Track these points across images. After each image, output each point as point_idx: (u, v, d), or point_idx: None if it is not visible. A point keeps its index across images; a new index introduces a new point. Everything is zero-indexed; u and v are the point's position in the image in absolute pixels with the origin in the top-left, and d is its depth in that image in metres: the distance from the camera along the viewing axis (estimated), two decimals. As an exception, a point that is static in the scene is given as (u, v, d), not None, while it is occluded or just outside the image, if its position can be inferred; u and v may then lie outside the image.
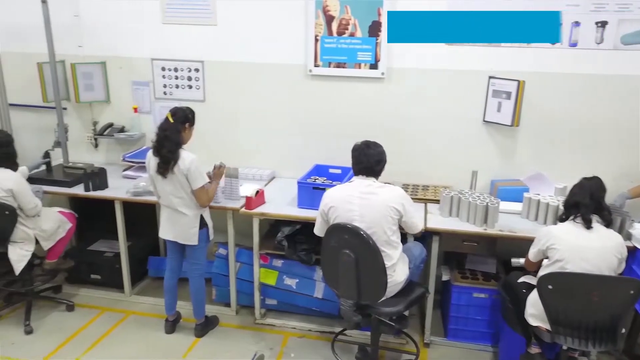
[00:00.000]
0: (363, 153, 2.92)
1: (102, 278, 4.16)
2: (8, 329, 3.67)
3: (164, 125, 3.22)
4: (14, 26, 4.13)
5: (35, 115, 4.49)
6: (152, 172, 3.27)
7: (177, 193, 3.27)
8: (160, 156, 3.18)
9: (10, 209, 3.39)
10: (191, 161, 3.20)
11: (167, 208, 3.37)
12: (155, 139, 3.22)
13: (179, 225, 3.36)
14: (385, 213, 2.82)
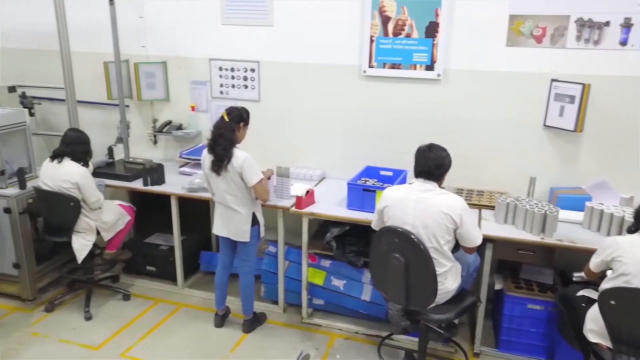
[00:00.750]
0: (423, 155, 2.85)
1: (157, 270, 4.31)
2: (70, 314, 3.87)
3: (219, 123, 3.29)
4: (84, 27, 4.35)
5: (100, 112, 4.71)
6: (207, 170, 3.35)
7: (231, 191, 3.33)
8: (215, 154, 3.26)
9: (75, 201, 3.57)
10: (244, 159, 3.26)
11: (221, 205, 3.44)
12: (210, 137, 3.30)
13: (232, 222, 3.43)
14: (440, 221, 2.74)
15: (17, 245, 3.82)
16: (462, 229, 2.76)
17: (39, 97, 4.75)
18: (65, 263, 4.17)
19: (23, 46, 4.76)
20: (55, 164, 3.59)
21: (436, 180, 2.86)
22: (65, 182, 3.54)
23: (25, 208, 3.82)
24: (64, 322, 3.77)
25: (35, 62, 4.76)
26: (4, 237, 3.81)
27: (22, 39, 4.73)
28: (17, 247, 3.82)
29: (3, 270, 3.92)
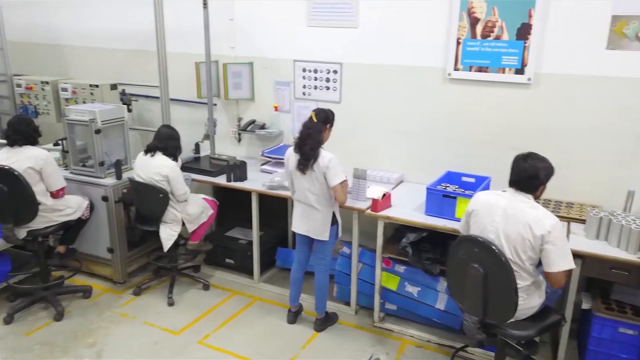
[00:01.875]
0: (518, 164, 2.69)
1: (235, 263, 4.47)
2: (154, 299, 4.11)
3: (308, 124, 3.35)
4: (179, 29, 4.60)
5: (189, 110, 4.97)
6: (292, 168, 3.42)
7: (314, 190, 3.39)
8: (302, 153, 3.32)
9: (164, 193, 3.79)
10: (330, 159, 3.31)
11: (302, 203, 3.50)
12: (299, 136, 3.36)
13: (312, 221, 3.48)
14: (524, 235, 2.59)
15: (111, 232, 4.13)
16: (547, 248, 2.56)
17: (136, 94, 5.10)
18: (153, 251, 4.45)
19: (124, 47, 5.13)
20: (148, 157, 3.83)
21: (530, 192, 2.69)
22: (156, 175, 3.77)
23: (120, 197, 4.12)
24: (149, 305, 4.02)
25: (134, 62, 5.12)
26: (101, 224, 4.13)
27: (124, 40, 5.10)
28: (112, 233, 4.13)
29: (98, 254, 4.25)
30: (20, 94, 5.14)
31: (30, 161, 3.56)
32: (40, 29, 5.53)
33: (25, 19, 5.54)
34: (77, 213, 3.90)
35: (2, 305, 3.92)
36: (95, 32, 5.23)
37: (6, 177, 3.48)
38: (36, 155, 3.61)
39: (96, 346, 3.52)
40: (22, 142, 3.62)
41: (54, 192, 3.72)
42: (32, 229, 3.69)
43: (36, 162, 3.58)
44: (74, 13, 5.31)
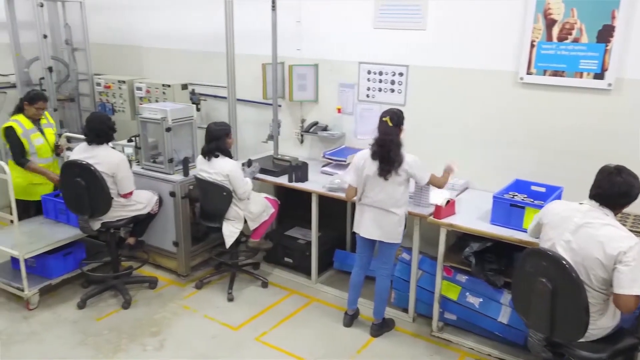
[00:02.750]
0: (610, 179, 2.49)
1: (294, 262, 4.51)
2: (215, 293, 4.23)
3: (387, 129, 3.30)
4: (248, 31, 4.70)
5: (254, 110, 5.07)
6: (369, 174, 3.36)
7: (393, 194, 3.36)
8: (386, 159, 3.28)
9: (227, 191, 3.89)
10: (414, 161, 3.31)
11: (374, 208, 3.44)
12: (379, 143, 3.30)
13: (387, 225, 3.43)
14: (596, 254, 2.43)
15: (177, 226, 4.29)
16: (619, 269, 2.38)
17: (205, 94, 5.28)
18: (215, 246, 4.58)
19: (196, 48, 5.32)
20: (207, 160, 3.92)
21: (614, 209, 2.52)
22: (218, 175, 3.87)
23: (186, 193, 4.27)
24: (210, 300, 4.14)
25: (204, 63, 5.29)
26: (168, 218, 4.30)
27: (195, 42, 5.28)
28: (178, 227, 4.29)
29: (165, 247, 4.43)
30: (99, 92, 5.46)
31: (103, 167, 3.72)
32: (120, 31, 5.85)
33: (107, 22, 5.87)
34: (147, 208, 4.07)
35: (77, 291, 4.17)
36: (170, 34, 5.45)
37: (85, 172, 3.70)
38: (109, 162, 3.76)
39: (159, 335, 3.66)
40: (97, 141, 3.81)
41: (122, 194, 3.89)
42: (105, 221, 3.90)
43: (109, 168, 3.75)
44: (151, 16, 5.56)
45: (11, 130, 4.22)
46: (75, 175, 3.74)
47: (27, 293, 3.86)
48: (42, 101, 4.35)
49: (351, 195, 3.57)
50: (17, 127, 4.23)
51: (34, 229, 4.22)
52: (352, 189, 3.53)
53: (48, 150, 4.42)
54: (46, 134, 4.44)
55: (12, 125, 4.23)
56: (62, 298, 4.08)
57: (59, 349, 3.49)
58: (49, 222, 4.35)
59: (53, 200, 4.34)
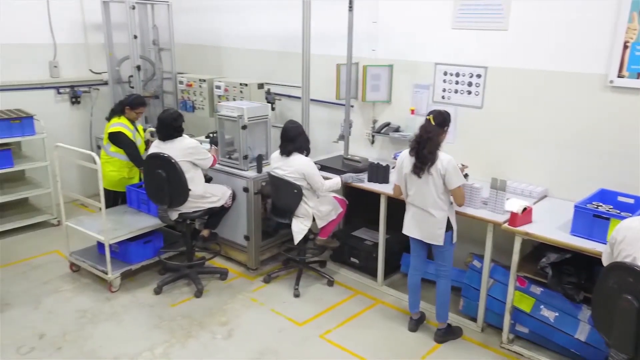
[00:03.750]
0: None
1: (360, 263, 4.50)
2: (282, 288, 4.32)
3: (428, 127, 3.31)
4: (324, 32, 4.76)
5: (327, 110, 5.12)
6: (407, 171, 3.40)
7: (429, 193, 3.32)
8: (420, 157, 3.28)
9: (298, 188, 3.96)
10: (449, 161, 3.25)
11: (414, 207, 3.46)
12: (416, 139, 3.34)
13: (426, 225, 3.41)
14: None
15: (249, 221, 4.42)
16: None
17: (280, 94, 5.40)
18: (284, 242, 4.67)
19: (272, 48, 5.45)
20: (284, 157, 4.02)
21: None
22: (294, 173, 3.95)
23: (258, 189, 4.39)
24: (277, 294, 4.23)
25: (280, 63, 5.41)
26: (240, 213, 4.44)
27: (272, 42, 5.42)
28: (249, 222, 4.42)
29: (236, 240, 4.58)
30: (181, 90, 5.74)
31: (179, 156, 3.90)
32: (203, 32, 6.11)
33: (191, 24, 6.17)
34: (220, 201, 4.24)
35: (154, 278, 4.41)
36: (249, 34, 5.63)
37: (166, 164, 3.91)
38: (181, 146, 3.95)
39: (228, 325, 3.79)
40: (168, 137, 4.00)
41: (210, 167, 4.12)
42: (182, 212, 4.10)
43: (183, 154, 3.93)
44: (232, 17, 5.78)
45: (122, 135, 4.51)
46: (157, 167, 3.96)
47: (110, 276, 4.14)
48: (142, 107, 4.67)
49: (397, 193, 3.63)
50: (126, 132, 4.55)
51: (119, 217, 4.51)
52: (397, 187, 3.60)
53: (143, 148, 4.72)
54: (140, 132, 4.76)
55: (121, 131, 4.53)
56: (141, 283, 4.34)
57: (136, 330, 3.71)
58: (132, 211, 4.64)
59: (136, 191, 4.62)
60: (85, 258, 4.37)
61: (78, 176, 5.80)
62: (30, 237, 5.14)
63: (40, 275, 4.43)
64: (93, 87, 6.02)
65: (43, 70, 5.66)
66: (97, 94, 6.04)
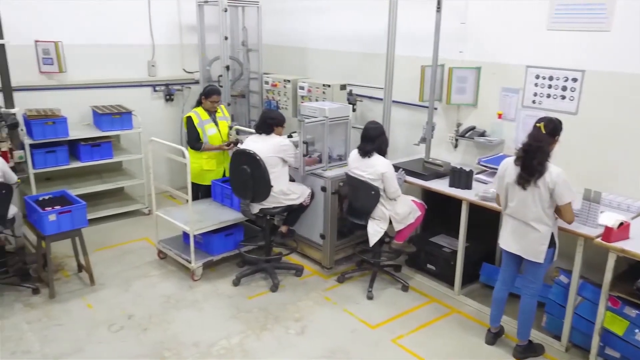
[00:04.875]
0: None
1: (436, 270, 4.40)
2: (355, 289, 4.32)
3: (539, 136, 3.10)
4: (409, 33, 4.69)
5: (409, 112, 5.05)
6: (509, 181, 3.22)
7: (533, 206, 3.14)
8: (527, 167, 3.09)
9: (376, 190, 3.94)
10: (558, 174, 3.05)
11: (515, 220, 3.27)
12: (524, 148, 3.13)
13: (527, 240, 3.22)
14: None
15: (325, 220, 4.47)
16: None
17: (361, 95, 5.40)
18: (359, 243, 4.67)
19: (356, 49, 5.47)
20: (365, 158, 4.01)
21: None
22: (372, 174, 3.94)
23: (336, 189, 4.42)
24: (350, 295, 4.23)
25: (363, 64, 5.42)
26: (317, 212, 4.50)
27: (356, 43, 5.43)
28: (325, 221, 4.47)
29: (312, 238, 4.65)
30: (266, 90, 5.92)
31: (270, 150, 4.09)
32: (289, 33, 6.26)
33: (279, 25, 6.34)
34: (300, 199, 4.32)
35: (233, 270, 4.58)
36: (334, 35, 5.69)
37: (251, 160, 4.06)
38: (274, 143, 4.14)
39: (301, 321, 3.86)
40: (264, 131, 4.18)
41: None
42: (263, 207, 4.23)
43: (274, 150, 4.11)
44: (318, 19, 5.86)
45: (189, 119, 4.81)
46: (242, 163, 4.12)
47: (193, 265, 4.36)
48: (216, 95, 4.89)
49: (499, 202, 3.43)
50: (194, 117, 4.81)
51: (203, 209, 4.74)
52: (498, 197, 3.40)
53: (219, 140, 4.92)
54: (220, 125, 4.96)
55: (190, 116, 4.83)
56: (221, 274, 4.52)
57: (215, 319, 3.88)
58: (216, 205, 4.86)
59: (221, 185, 4.83)
60: (171, 246, 4.63)
61: (168, 169, 6.17)
62: (124, 224, 5.53)
63: (131, 260, 4.76)
64: (185, 85, 6.38)
65: (142, 69, 6.08)
66: (189, 92, 6.38)
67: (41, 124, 4.89)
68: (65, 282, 4.33)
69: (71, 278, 4.41)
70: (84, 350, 3.47)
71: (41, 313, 3.87)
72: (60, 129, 5.01)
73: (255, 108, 6.34)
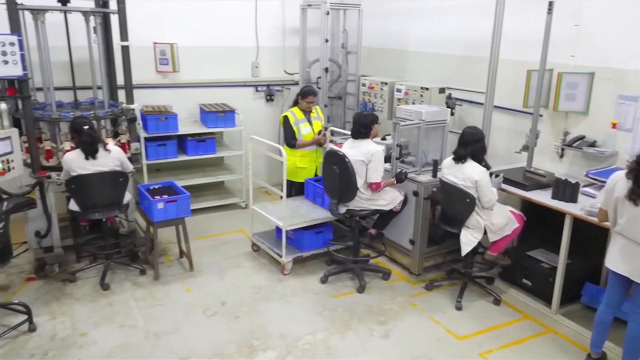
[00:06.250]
0: None
1: (533, 286, 4.16)
2: (443, 298, 4.21)
3: None
4: (515, 36, 4.48)
5: (511, 119, 4.82)
6: (619, 195, 2.97)
7: None
8: None
9: (471, 197, 3.81)
10: None
11: (624, 238, 3.01)
12: (637, 161, 2.88)
13: (638, 261, 2.96)
14: None
15: (416, 225, 4.40)
16: None
17: (461, 99, 5.25)
18: (450, 252, 4.54)
19: (456, 52, 5.32)
20: (459, 165, 3.89)
21: None
22: (466, 181, 3.82)
23: (429, 195, 4.34)
24: (437, 303, 4.14)
25: (464, 67, 5.26)
26: (408, 216, 4.44)
27: (458, 46, 5.29)
28: (416, 226, 4.40)
29: (401, 243, 4.60)
30: (363, 92, 5.95)
31: (362, 155, 4.09)
32: (390, 35, 6.24)
33: (379, 27, 6.34)
34: (389, 206, 4.29)
35: (321, 267, 4.67)
36: (434, 38, 5.59)
37: (340, 161, 4.11)
38: (367, 150, 4.10)
39: (386, 325, 3.84)
40: (360, 135, 4.18)
41: (370, 182, 4.16)
42: (350, 209, 4.26)
43: (365, 156, 4.09)
44: (419, 21, 5.79)
45: (285, 118, 5.00)
46: (332, 164, 4.19)
47: (284, 259, 4.51)
48: (311, 96, 5.01)
49: (601, 218, 3.21)
50: (290, 116, 4.98)
51: (296, 206, 4.89)
52: (602, 212, 3.17)
53: (310, 136, 5.04)
54: (314, 125, 5.08)
55: (286, 115, 5.02)
56: (309, 270, 4.63)
57: (301, 313, 3.98)
58: (308, 203, 4.98)
59: (313, 184, 4.95)
60: (264, 240, 4.83)
61: (265, 166, 6.43)
62: (222, 216, 5.85)
63: (227, 250, 5.02)
64: (285, 86, 6.60)
65: (246, 70, 6.40)
66: (288, 92, 6.60)
67: (155, 119, 5.33)
68: (168, 266, 4.68)
69: (173, 263, 4.75)
70: (180, 331, 3.73)
71: (146, 292, 4.22)
72: (171, 124, 5.43)
73: (350, 110, 6.40)
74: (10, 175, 3.92)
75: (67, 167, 4.04)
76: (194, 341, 3.61)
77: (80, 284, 4.29)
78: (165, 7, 5.71)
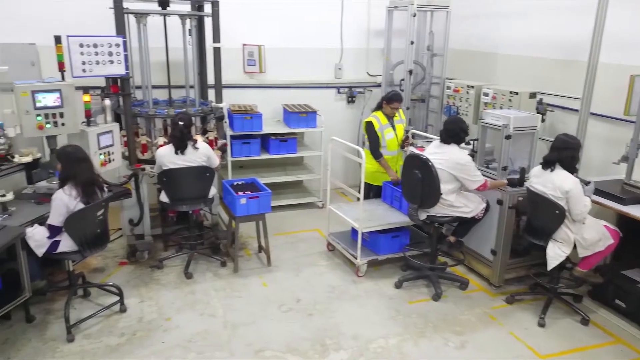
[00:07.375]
0: None
1: (627, 308, 3.85)
2: (525, 313, 4.01)
3: None
4: (618, 38, 4.16)
5: (609, 127, 4.49)
6: None
7: None
8: None
9: (561, 209, 3.59)
10: None
11: None
12: None
13: None
14: None
15: (498, 235, 4.22)
16: None
17: (553, 104, 4.96)
18: (534, 265, 4.31)
19: (550, 55, 5.04)
20: (547, 172, 3.69)
21: None
22: (556, 191, 3.60)
23: (514, 204, 4.15)
24: (518, 318, 3.95)
25: (558, 72, 4.97)
26: (491, 225, 4.27)
27: (552, 50, 5.01)
28: (498, 236, 4.22)
29: (482, 253, 4.44)
30: (447, 95, 5.80)
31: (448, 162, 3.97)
32: (478, 38, 6.04)
33: (467, 29, 6.16)
34: (472, 213, 4.14)
35: (396, 272, 4.62)
36: (526, 40, 5.33)
37: (423, 165, 4.04)
38: (456, 158, 3.99)
39: (462, 336, 3.72)
40: (449, 140, 4.07)
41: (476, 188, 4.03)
42: (431, 215, 4.17)
43: (451, 164, 3.97)
44: (511, 23, 5.55)
45: (370, 125, 4.93)
46: (414, 168, 4.12)
47: (358, 261, 4.51)
48: (397, 102, 4.94)
49: None
50: (375, 123, 4.92)
51: (373, 208, 4.87)
52: None
53: (395, 144, 4.99)
54: (397, 129, 5.02)
55: (371, 121, 4.95)
56: (384, 274, 4.59)
57: (374, 317, 3.96)
58: (385, 206, 4.95)
59: (392, 188, 4.90)
60: (340, 240, 4.85)
61: (343, 167, 6.46)
62: (300, 214, 5.96)
63: (303, 248, 5.11)
64: (367, 88, 6.60)
65: (329, 71, 6.47)
66: (370, 95, 6.59)
67: (241, 118, 5.54)
68: (247, 259, 4.85)
69: (252, 257, 4.91)
70: (256, 323, 3.85)
71: (226, 284, 4.39)
72: (256, 123, 5.61)
73: (433, 113, 6.27)
74: (110, 167, 4.26)
75: (159, 160, 4.30)
76: (269, 335, 3.70)
77: (166, 271, 4.56)
78: (254, 9, 5.90)
